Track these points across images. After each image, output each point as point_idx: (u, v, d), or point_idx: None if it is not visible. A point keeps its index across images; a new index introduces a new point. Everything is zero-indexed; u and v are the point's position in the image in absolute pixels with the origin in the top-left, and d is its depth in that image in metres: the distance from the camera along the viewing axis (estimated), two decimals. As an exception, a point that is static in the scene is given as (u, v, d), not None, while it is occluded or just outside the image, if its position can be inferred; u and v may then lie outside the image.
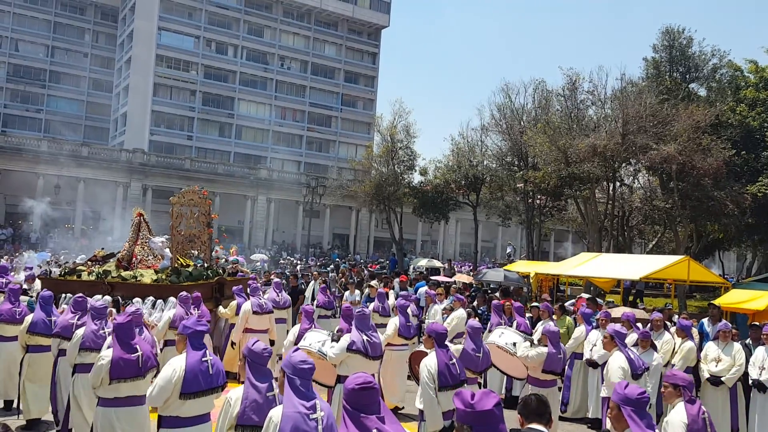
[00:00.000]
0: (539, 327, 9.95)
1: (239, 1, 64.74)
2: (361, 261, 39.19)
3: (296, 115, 68.05)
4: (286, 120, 67.23)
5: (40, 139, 45.12)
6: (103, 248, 13.78)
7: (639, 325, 9.39)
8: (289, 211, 50.83)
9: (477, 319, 11.96)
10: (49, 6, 63.94)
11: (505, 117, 30.52)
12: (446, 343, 6.15)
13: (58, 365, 7.37)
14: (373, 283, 16.15)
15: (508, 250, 39.90)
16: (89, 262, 12.10)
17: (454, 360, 5.91)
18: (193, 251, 11.92)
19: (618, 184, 26.05)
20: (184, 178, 45.32)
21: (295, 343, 7.41)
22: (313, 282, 16.12)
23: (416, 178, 34.31)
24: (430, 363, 5.79)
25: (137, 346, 5.67)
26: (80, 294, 7.96)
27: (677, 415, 4.95)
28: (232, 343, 10.56)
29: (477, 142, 32.57)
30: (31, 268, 16.26)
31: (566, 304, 13.68)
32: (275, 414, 3.82)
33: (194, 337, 5.07)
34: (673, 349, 8.96)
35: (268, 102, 66.21)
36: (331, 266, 29.37)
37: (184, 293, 9.37)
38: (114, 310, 8.14)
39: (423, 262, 32.43)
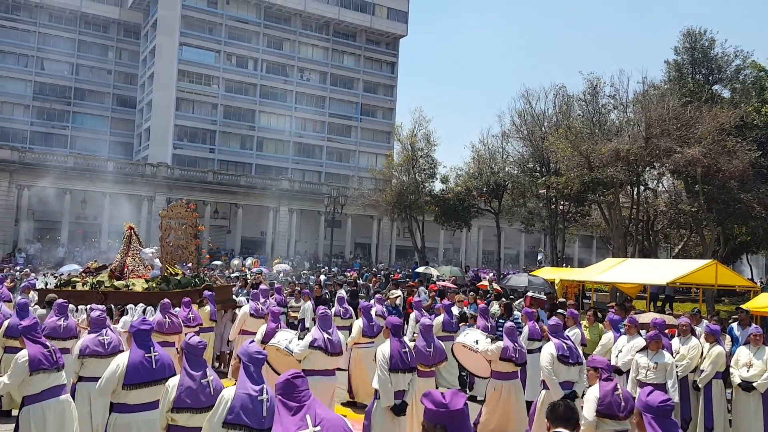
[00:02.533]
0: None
1: (258, 15, 65.47)
2: (384, 269, 39.15)
3: (316, 125, 68.47)
4: (306, 131, 67.66)
5: (66, 156, 45.96)
6: (96, 260, 14.39)
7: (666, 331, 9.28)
8: (311, 222, 51.09)
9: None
10: (73, 24, 65.19)
11: (526, 123, 30.40)
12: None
13: None
14: (397, 292, 16.16)
15: (539, 257, 39.50)
16: (83, 274, 12.48)
17: (407, 349, 6.67)
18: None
19: (642, 188, 25.80)
20: (207, 191, 45.95)
21: (263, 342, 8.09)
22: (338, 291, 16.21)
23: (437, 186, 34.32)
24: (384, 348, 6.60)
25: (48, 343, 6.19)
26: (62, 299, 8.39)
27: (592, 391, 5.38)
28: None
29: (498, 149, 32.45)
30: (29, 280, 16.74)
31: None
32: (227, 393, 4.33)
33: (138, 335, 5.55)
34: (701, 354, 8.86)
35: (289, 113, 66.72)
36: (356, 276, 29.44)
37: (165, 300, 9.84)
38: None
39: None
